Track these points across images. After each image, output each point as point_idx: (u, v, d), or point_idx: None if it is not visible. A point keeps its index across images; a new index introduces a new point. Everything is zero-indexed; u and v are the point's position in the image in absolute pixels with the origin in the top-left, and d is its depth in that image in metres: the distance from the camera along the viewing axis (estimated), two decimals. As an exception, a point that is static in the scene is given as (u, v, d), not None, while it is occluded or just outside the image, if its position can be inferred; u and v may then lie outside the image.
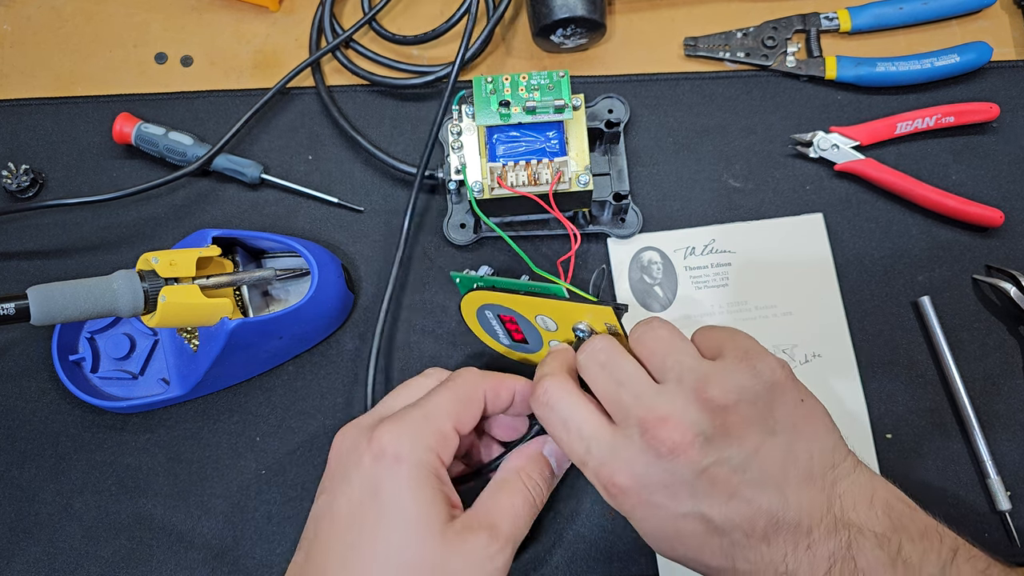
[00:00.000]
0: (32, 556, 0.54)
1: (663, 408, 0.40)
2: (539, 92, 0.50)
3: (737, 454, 0.39)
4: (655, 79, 0.63)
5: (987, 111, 0.60)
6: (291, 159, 0.61)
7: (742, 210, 0.60)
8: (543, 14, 0.59)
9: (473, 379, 0.45)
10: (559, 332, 0.48)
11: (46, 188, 0.61)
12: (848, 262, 0.58)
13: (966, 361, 0.56)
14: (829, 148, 0.60)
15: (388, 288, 0.55)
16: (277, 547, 0.54)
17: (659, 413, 0.40)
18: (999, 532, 0.54)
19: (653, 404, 0.40)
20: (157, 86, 0.63)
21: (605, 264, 0.58)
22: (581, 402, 0.42)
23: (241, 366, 0.55)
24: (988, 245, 0.59)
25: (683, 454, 0.39)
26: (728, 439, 0.40)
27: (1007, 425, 0.55)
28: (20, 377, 0.57)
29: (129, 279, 0.46)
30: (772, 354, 0.43)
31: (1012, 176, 0.60)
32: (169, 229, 0.60)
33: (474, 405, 0.44)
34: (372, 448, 0.41)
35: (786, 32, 0.63)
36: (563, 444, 0.42)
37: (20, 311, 0.44)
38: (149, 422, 0.56)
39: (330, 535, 0.41)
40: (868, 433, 0.55)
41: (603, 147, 0.58)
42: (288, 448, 0.56)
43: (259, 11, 0.65)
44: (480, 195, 0.50)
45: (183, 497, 0.55)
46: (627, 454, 0.40)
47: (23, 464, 0.56)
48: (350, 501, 0.41)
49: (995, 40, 0.62)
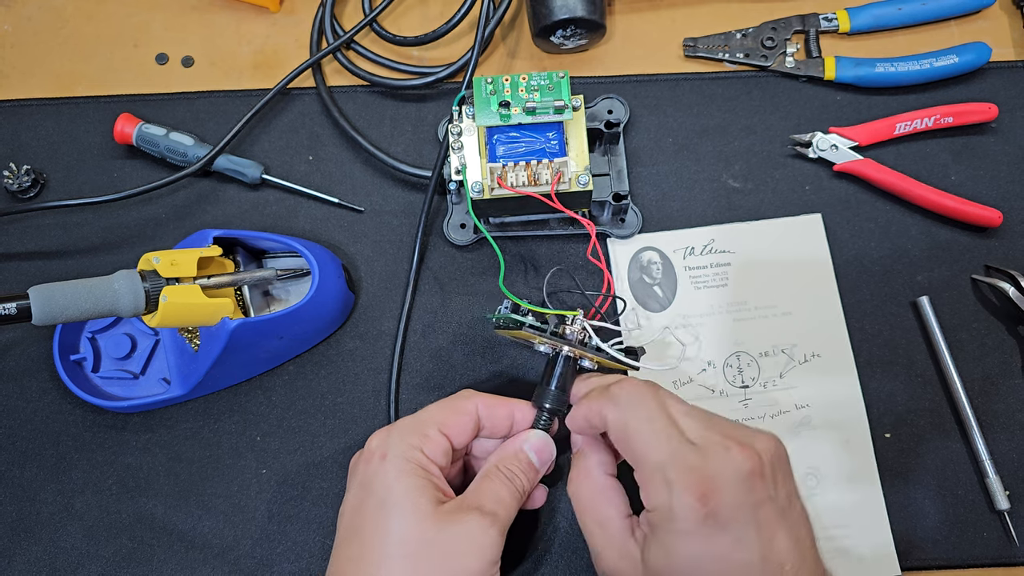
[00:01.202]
0: (33, 555, 0.54)
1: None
2: (539, 93, 0.50)
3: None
4: (655, 79, 0.63)
5: (986, 111, 0.60)
6: (292, 159, 0.61)
7: (741, 210, 0.60)
8: (543, 15, 0.59)
9: (466, 393, 0.48)
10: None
11: (47, 188, 0.61)
12: (847, 262, 0.58)
13: (965, 361, 0.56)
14: (828, 148, 0.60)
15: (404, 307, 0.57)
16: (277, 547, 0.54)
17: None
18: (998, 532, 0.54)
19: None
20: (158, 86, 0.63)
21: (560, 265, 0.58)
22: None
23: (242, 366, 0.55)
24: (987, 245, 0.59)
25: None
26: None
27: (1006, 425, 0.55)
28: (21, 377, 0.57)
29: (130, 279, 0.47)
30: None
31: (1011, 176, 0.60)
32: (170, 229, 0.60)
33: (464, 416, 0.47)
34: (364, 453, 0.46)
35: (785, 33, 0.63)
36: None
37: (22, 311, 0.45)
38: (150, 422, 0.56)
39: (340, 533, 0.45)
40: (867, 433, 0.55)
41: (603, 147, 0.59)
42: (289, 448, 0.56)
43: (260, 12, 0.65)
44: (480, 195, 0.50)
45: (184, 497, 0.55)
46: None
47: (24, 464, 0.56)
48: (352, 501, 0.45)
49: (994, 40, 0.63)
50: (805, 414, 0.55)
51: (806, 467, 0.55)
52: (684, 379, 0.56)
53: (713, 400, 0.56)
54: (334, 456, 0.55)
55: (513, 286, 0.58)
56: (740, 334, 0.57)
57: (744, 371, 0.56)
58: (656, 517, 0.41)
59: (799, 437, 0.55)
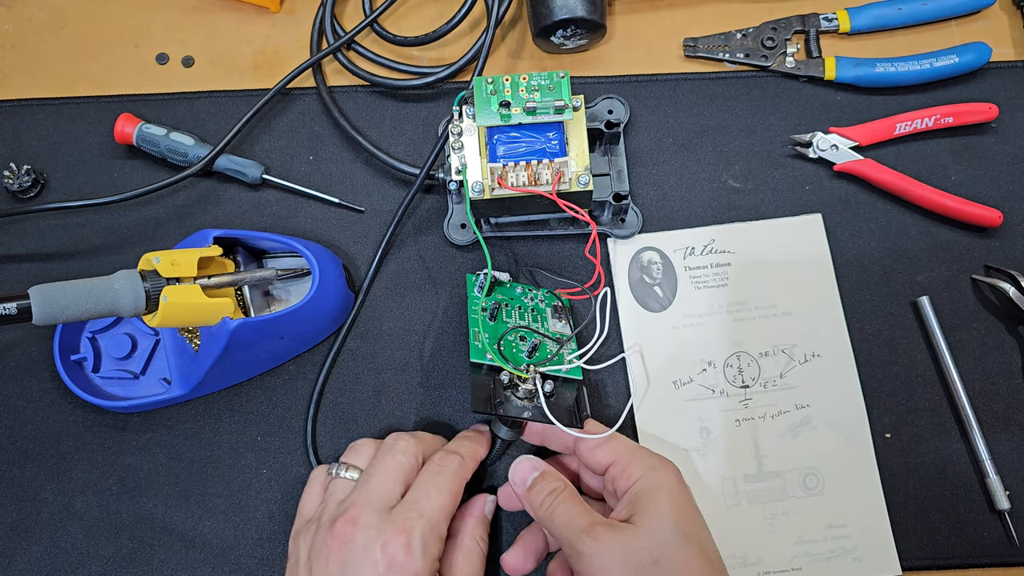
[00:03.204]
0: (33, 555, 0.54)
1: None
2: (539, 93, 0.50)
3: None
4: (655, 80, 0.63)
5: (986, 111, 0.60)
6: (292, 159, 0.61)
7: (741, 210, 0.60)
8: (543, 15, 0.59)
9: (460, 475, 0.49)
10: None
11: (47, 188, 0.61)
12: (847, 262, 0.58)
13: (965, 361, 0.56)
14: (828, 148, 0.60)
15: (352, 311, 0.56)
16: (278, 547, 0.54)
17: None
18: (998, 532, 0.54)
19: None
20: (158, 86, 0.64)
21: (535, 265, 0.59)
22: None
23: (242, 366, 0.55)
24: (987, 245, 0.59)
25: None
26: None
27: (1006, 425, 0.55)
28: (22, 377, 0.57)
29: (131, 279, 0.47)
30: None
31: (1011, 176, 0.60)
32: (171, 229, 0.60)
33: (459, 495, 0.49)
34: (386, 557, 0.44)
35: (785, 33, 0.63)
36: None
37: (22, 311, 0.45)
38: (150, 422, 0.56)
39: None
40: (867, 432, 0.55)
41: (603, 147, 0.59)
42: (289, 448, 0.56)
43: (260, 12, 0.65)
44: (480, 195, 0.50)
45: (184, 497, 0.55)
46: None
47: (24, 464, 0.56)
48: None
49: (994, 41, 0.63)
50: (806, 414, 0.55)
51: (807, 467, 0.55)
52: (685, 379, 0.56)
53: (714, 400, 0.56)
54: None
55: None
56: (740, 334, 0.57)
57: (744, 371, 0.56)
58: None
59: (800, 437, 0.55)
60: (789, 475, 0.54)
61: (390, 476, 0.48)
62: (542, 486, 0.48)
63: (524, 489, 0.49)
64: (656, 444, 0.55)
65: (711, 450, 0.55)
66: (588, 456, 0.49)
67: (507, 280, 0.56)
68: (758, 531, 0.54)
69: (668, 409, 0.56)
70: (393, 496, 0.47)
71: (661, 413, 0.56)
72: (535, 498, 0.48)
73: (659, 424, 0.55)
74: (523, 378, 0.50)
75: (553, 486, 0.48)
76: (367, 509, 0.46)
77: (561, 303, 0.56)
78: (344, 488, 0.49)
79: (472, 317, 0.53)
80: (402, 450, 0.49)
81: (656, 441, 0.55)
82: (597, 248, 0.55)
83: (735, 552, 0.53)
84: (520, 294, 0.56)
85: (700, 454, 0.55)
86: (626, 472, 0.48)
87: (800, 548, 0.53)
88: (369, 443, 0.51)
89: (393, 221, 0.58)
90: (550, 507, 0.47)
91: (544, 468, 0.49)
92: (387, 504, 0.46)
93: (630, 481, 0.47)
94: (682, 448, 0.55)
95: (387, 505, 0.46)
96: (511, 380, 0.50)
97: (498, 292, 0.55)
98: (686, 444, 0.55)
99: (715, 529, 0.47)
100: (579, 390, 0.52)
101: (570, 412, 0.50)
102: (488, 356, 0.51)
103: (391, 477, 0.48)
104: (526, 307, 0.55)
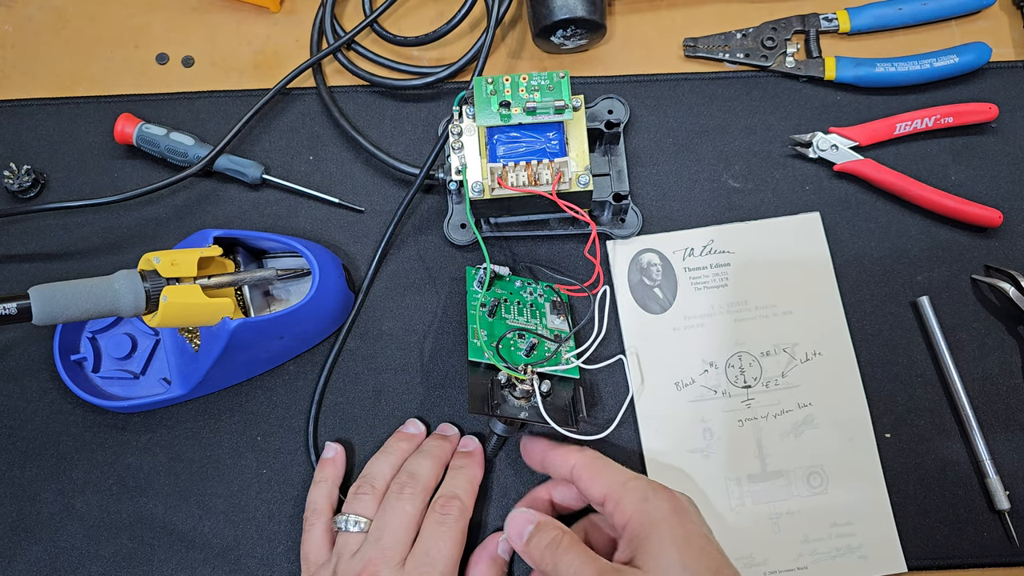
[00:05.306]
0: (34, 555, 0.54)
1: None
2: (539, 93, 0.50)
3: None
4: (655, 80, 0.63)
5: (986, 111, 0.60)
6: (292, 159, 0.61)
7: (741, 210, 0.60)
8: (543, 15, 0.59)
9: (464, 520, 0.50)
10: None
11: (47, 188, 0.61)
12: (847, 262, 0.58)
13: (965, 361, 0.56)
14: (828, 148, 0.60)
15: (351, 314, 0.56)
16: (278, 546, 0.54)
17: None
18: (998, 532, 0.54)
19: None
20: (158, 86, 0.63)
21: (535, 262, 0.58)
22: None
23: (242, 366, 0.55)
24: (987, 245, 0.59)
25: None
26: None
27: (1006, 425, 0.55)
28: (22, 377, 0.57)
29: (131, 279, 0.47)
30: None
31: (1011, 176, 0.60)
32: (171, 229, 0.60)
33: (464, 538, 0.50)
34: None
35: (785, 33, 0.63)
36: None
37: (22, 311, 0.45)
38: (150, 422, 0.56)
39: None
40: (870, 430, 0.55)
41: (603, 147, 0.59)
42: (289, 448, 0.56)
43: (260, 12, 0.65)
44: (480, 195, 0.50)
45: (184, 497, 0.55)
46: None
47: (24, 464, 0.56)
48: None
49: (994, 41, 0.63)
50: (808, 413, 0.55)
51: (810, 465, 0.55)
52: (687, 380, 0.56)
53: (716, 400, 0.56)
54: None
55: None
56: (741, 334, 0.57)
57: (746, 371, 0.56)
58: None
59: (803, 436, 0.55)
60: (793, 474, 0.55)
61: (401, 529, 0.49)
62: (540, 538, 0.46)
63: (522, 544, 0.47)
64: (659, 446, 0.55)
65: (715, 451, 0.55)
66: (585, 489, 0.48)
67: (506, 274, 0.56)
68: (763, 531, 0.54)
69: (670, 411, 0.56)
70: (405, 549, 0.48)
71: (663, 415, 0.56)
72: (535, 552, 0.46)
73: (662, 426, 0.55)
74: (520, 379, 0.50)
75: (551, 536, 0.46)
76: (384, 567, 0.47)
77: (560, 299, 0.56)
78: (354, 542, 0.49)
79: (471, 313, 0.53)
80: (408, 498, 0.50)
81: (659, 443, 0.55)
82: (597, 248, 0.55)
83: (741, 553, 0.53)
84: (519, 288, 0.56)
85: (704, 455, 0.55)
86: (619, 507, 0.46)
87: (806, 547, 0.53)
88: (368, 488, 0.51)
89: (393, 221, 0.58)
90: (552, 560, 0.45)
91: (539, 519, 0.47)
92: (400, 558, 0.48)
93: (625, 517, 0.46)
94: (686, 450, 0.55)
95: (400, 559, 0.48)
96: (508, 380, 0.50)
97: (497, 286, 0.55)
98: (690, 445, 0.55)
99: (720, 530, 0.47)
100: (575, 390, 0.52)
101: (565, 412, 0.50)
102: (486, 355, 0.51)
103: (402, 530, 0.49)
104: (525, 302, 0.55)
